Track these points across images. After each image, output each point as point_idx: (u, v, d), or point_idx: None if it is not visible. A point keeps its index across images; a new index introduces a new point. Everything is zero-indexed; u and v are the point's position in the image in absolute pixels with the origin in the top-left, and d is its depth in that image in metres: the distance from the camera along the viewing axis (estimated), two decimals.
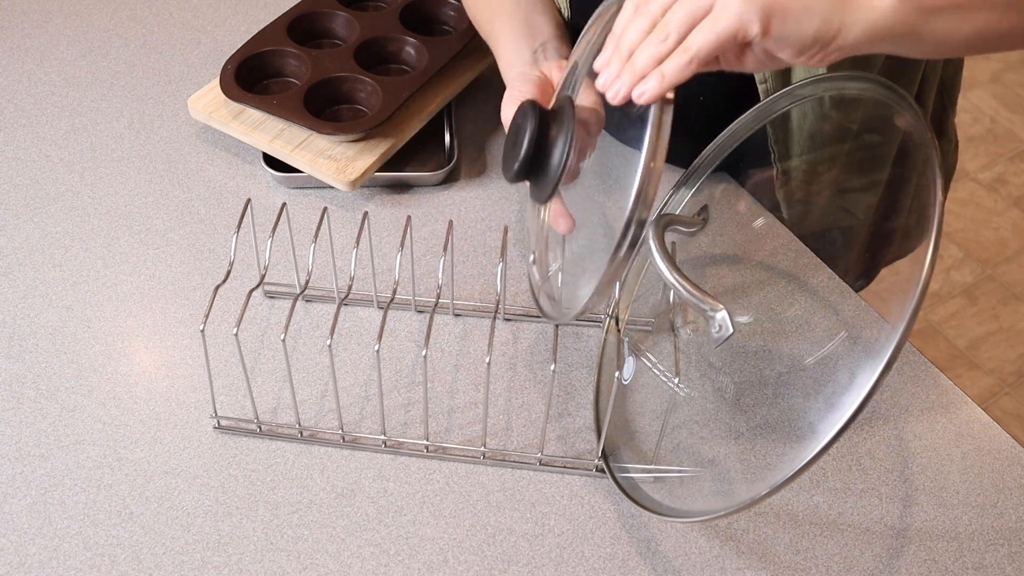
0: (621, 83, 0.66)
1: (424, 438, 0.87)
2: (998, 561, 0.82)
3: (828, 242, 1.06)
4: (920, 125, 0.73)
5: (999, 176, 2.43)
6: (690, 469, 0.87)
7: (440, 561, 0.81)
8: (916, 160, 1.02)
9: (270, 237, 0.85)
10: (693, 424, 0.89)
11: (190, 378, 0.92)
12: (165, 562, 0.80)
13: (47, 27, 1.26)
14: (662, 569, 0.81)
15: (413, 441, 0.87)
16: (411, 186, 1.09)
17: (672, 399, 0.88)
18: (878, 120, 0.97)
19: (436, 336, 0.95)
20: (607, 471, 0.86)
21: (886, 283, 1.19)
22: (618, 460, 0.87)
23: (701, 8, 0.65)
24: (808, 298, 0.98)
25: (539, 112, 0.74)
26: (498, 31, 0.97)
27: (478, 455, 0.87)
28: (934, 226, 0.65)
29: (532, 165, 0.73)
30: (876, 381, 0.63)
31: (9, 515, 0.83)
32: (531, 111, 0.74)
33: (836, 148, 0.98)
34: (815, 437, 0.66)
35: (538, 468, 0.86)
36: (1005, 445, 0.89)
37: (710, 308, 0.70)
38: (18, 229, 1.04)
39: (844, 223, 1.08)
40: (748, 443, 0.88)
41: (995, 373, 2.07)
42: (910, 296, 0.64)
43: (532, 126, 0.72)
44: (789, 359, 0.95)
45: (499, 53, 0.96)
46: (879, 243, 1.12)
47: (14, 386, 0.91)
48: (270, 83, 1.12)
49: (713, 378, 0.93)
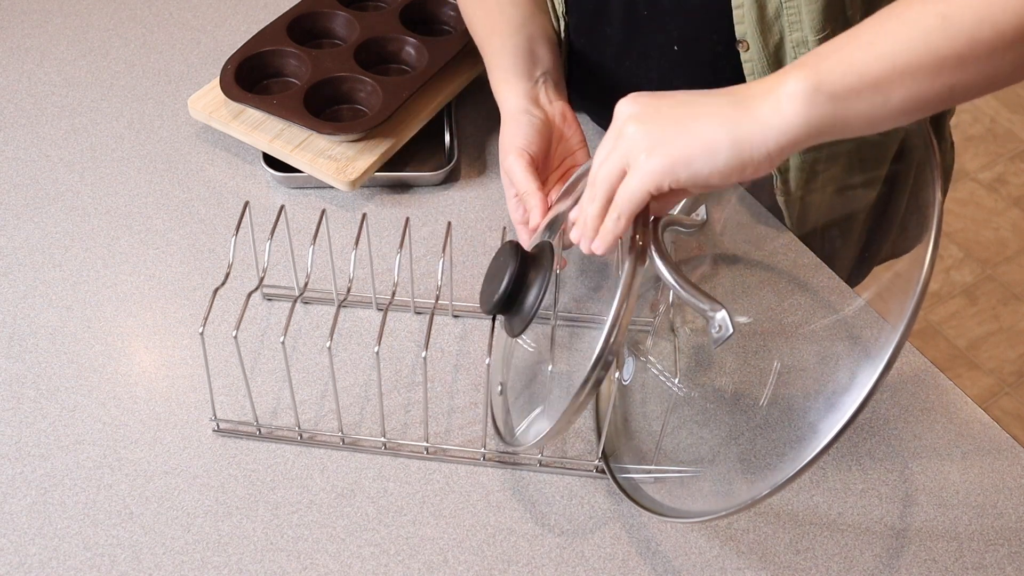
0: (582, 239, 0.75)
1: (424, 440, 0.87)
2: (998, 561, 0.82)
3: (827, 240, 1.06)
4: (920, 124, 0.73)
5: (999, 176, 2.43)
6: (690, 469, 0.87)
7: (440, 561, 0.81)
8: (913, 158, 1.02)
9: (269, 239, 0.85)
10: (692, 424, 0.89)
11: (190, 378, 0.92)
12: (165, 562, 0.80)
13: (47, 27, 1.26)
14: (662, 569, 0.81)
15: (413, 443, 0.87)
16: (411, 186, 1.09)
17: (672, 399, 0.88)
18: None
19: (436, 337, 0.95)
20: (607, 472, 0.86)
21: (886, 283, 1.19)
22: (618, 460, 0.87)
23: (616, 171, 0.71)
24: (808, 298, 0.98)
25: (521, 255, 0.80)
26: (496, 52, 0.97)
27: (478, 456, 0.87)
28: (933, 225, 0.65)
29: (508, 303, 0.79)
30: (876, 381, 0.63)
31: (9, 515, 0.83)
32: (513, 253, 0.80)
33: (836, 147, 0.98)
34: (816, 437, 0.66)
35: (538, 469, 0.86)
36: (1005, 445, 0.89)
37: (710, 308, 0.70)
38: (18, 229, 1.04)
39: (841, 221, 1.08)
40: (748, 443, 0.88)
41: (995, 373, 2.07)
42: (910, 296, 0.64)
43: (512, 267, 0.79)
44: (789, 359, 0.95)
45: (495, 75, 0.97)
46: (875, 241, 1.12)
47: (14, 386, 0.91)
48: (270, 83, 1.12)
49: (712, 378, 0.93)
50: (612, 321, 0.70)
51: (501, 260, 0.81)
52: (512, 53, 0.96)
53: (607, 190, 0.72)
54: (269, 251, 0.86)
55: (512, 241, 0.83)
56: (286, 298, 0.98)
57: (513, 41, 0.97)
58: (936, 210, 0.66)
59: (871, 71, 0.64)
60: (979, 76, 0.65)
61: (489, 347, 0.78)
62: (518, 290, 0.79)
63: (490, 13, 0.99)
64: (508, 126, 0.94)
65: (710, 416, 0.90)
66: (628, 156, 0.69)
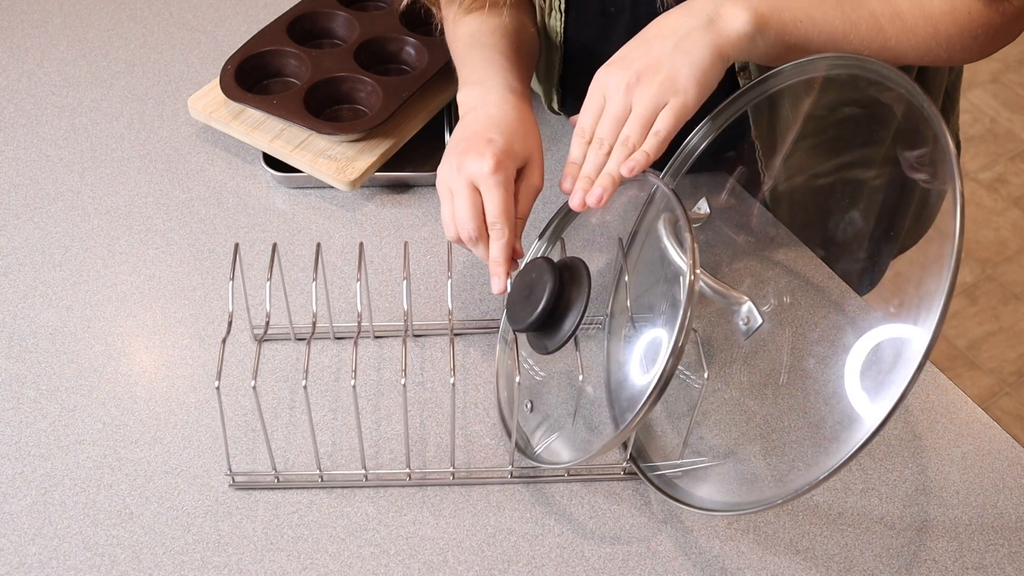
0: (592, 191, 0.78)
1: (451, 465, 0.85)
2: (998, 561, 0.82)
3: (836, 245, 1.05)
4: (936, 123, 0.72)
5: (999, 176, 2.42)
6: (718, 461, 0.87)
7: (440, 561, 0.81)
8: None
9: (268, 280, 0.83)
10: (719, 416, 0.89)
11: (190, 378, 0.92)
12: (165, 562, 0.80)
13: (47, 27, 1.26)
14: (662, 569, 0.81)
15: (438, 471, 0.85)
16: (411, 186, 1.09)
17: (700, 394, 0.88)
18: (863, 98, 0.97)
19: (440, 359, 0.94)
20: (638, 471, 0.84)
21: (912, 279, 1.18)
22: (644, 460, 0.86)
23: (649, 109, 0.77)
24: (814, 293, 0.98)
25: (559, 272, 0.79)
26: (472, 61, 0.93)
27: (505, 475, 0.85)
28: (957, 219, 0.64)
29: (546, 321, 0.78)
30: (914, 374, 0.63)
31: (9, 515, 0.83)
32: (550, 269, 0.79)
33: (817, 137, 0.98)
34: (861, 424, 0.66)
35: (567, 479, 0.85)
36: (1005, 445, 0.89)
37: (735, 301, 0.69)
38: (18, 229, 1.04)
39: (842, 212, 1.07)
40: (778, 434, 0.87)
41: (995, 373, 2.07)
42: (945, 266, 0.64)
43: (552, 286, 0.78)
44: (810, 351, 0.94)
45: (463, 71, 0.93)
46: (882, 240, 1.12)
47: (14, 386, 0.91)
48: (270, 83, 1.12)
49: (731, 370, 0.93)
50: (679, 327, 0.70)
51: (534, 276, 0.80)
52: (493, 60, 0.92)
53: (642, 128, 0.77)
54: (269, 294, 0.83)
55: (545, 257, 0.82)
56: (284, 338, 0.95)
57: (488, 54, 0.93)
58: (958, 201, 0.65)
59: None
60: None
61: (517, 366, 0.77)
62: (555, 308, 0.78)
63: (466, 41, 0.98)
64: (464, 137, 0.85)
65: (735, 409, 0.90)
66: (659, 93, 0.76)
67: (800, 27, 0.79)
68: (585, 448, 0.84)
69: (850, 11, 0.80)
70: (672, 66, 0.76)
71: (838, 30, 0.80)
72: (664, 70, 0.76)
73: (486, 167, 0.80)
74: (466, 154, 0.82)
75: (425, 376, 0.92)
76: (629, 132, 0.77)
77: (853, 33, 0.80)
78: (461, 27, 0.96)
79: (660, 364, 0.70)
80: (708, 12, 0.78)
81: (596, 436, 0.87)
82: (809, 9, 0.79)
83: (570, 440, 0.88)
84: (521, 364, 0.91)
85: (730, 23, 0.77)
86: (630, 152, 0.77)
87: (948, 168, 0.66)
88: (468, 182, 0.81)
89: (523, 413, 0.89)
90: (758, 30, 0.78)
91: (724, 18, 0.77)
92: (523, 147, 0.84)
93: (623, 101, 0.77)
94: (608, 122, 0.78)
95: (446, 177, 0.83)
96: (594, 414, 0.90)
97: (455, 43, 0.97)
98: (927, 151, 0.80)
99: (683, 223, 0.75)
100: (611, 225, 1.00)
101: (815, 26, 0.79)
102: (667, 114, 0.76)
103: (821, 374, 0.92)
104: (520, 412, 0.88)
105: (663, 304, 0.82)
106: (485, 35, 0.94)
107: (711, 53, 0.76)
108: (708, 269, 0.79)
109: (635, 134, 0.77)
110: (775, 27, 0.78)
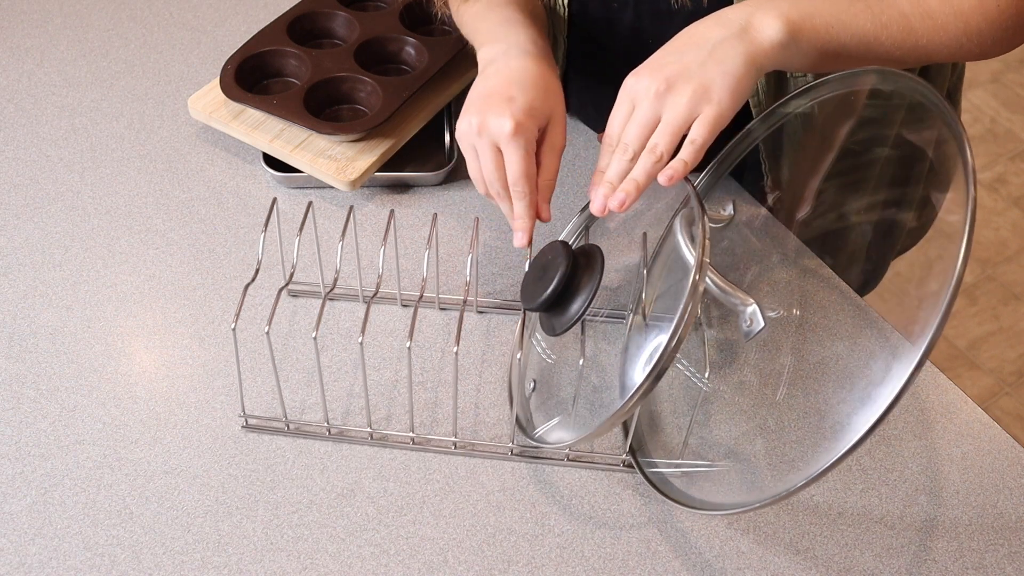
0: (628, 196, 0.77)
1: (453, 435, 0.87)
2: (998, 561, 0.82)
3: (838, 247, 1.05)
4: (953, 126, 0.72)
5: (999, 176, 2.42)
6: (720, 463, 0.87)
7: (440, 561, 0.81)
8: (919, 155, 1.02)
9: (297, 236, 0.86)
10: (719, 418, 0.89)
11: (189, 378, 0.92)
12: (165, 562, 0.80)
13: (47, 27, 1.26)
14: (662, 569, 0.81)
15: (441, 438, 0.87)
16: (411, 186, 1.09)
17: (700, 393, 0.88)
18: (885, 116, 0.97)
19: (461, 332, 0.95)
20: (636, 466, 0.85)
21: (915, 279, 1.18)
22: (645, 455, 0.87)
23: (680, 118, 0.76)
24: (829, 293, 0.98)
25: (572, 256, 0.80)
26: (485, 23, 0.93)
27: (506, 451, 0.87)
28: (967, 222, 0.64)
29: (555, 303, 0.80)
30: (909, 377, 0.63)
31: (9, 515, 0.83)
32: (564, 252, 0.80)
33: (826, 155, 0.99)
34: (847, 431, 0.66)
35: (565, 464, 0.87)
36: (1005, 445, 0.89)
37: (740, 302, 0.70)
38: (18, 229, 1.04)
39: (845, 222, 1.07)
40: (775, 436, 0.87)
41: (995, 373, 2.07)
42: (944, 288, 0.64)
43: (564, 268, 0.79)
44: (816, 355, 0.94)
45: (480, 35, 0.92)
46: (884, 240, 1.12)
47: (14, 386, 0.91)
48: (270, 83, 1.12)
49: (738, 372, 0.93)
50: (680, 315, 0.70)
51: (549, 258, 0.81)
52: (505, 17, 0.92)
53: (671, 136, 0.76)
54: (297, 248, 0.87)
55: (561, 240, 0.83)
56: (311, 295, 0.98)
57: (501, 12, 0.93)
58: (970, 205, 0.65)
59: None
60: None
61: (520, 342, 0.79)
62: (566, 291, 0.79)
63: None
64: (487, 83, 0.85)
65: (736, 410, 0.90)
66: (692, 102, 0.75)
67: (832, 32, 0.78)
68: (583, 431, 0.84)
69: (880, 12, 0.79)
70: (705, 75, 0.75)
71: (869, 32, 0.79)
72: (696, 79, 0.75)
73: (507, 128, 0.80)
74: (487, 113, 0.82)
75: (445, 349, 0.94)
76: (658, 140, 0.76)
77: (884, 34, 0.79)
78: (471, 4, 0.95)
79: (658, 352, 0.71)
80: (740, 21, 0.77)
81: (596, 420, 0.88)
82: (839, 14, 0.78)
83: (571, 424, 0.88)
84: (534, 346, 0.92)
85: (763, 32, 0.76)
86: (657, 160, 0.76)
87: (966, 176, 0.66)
88: (491, 142, 0.82)
89: (527, 393, 0.90)
90: (792, 38, 0.77)
91: (757, 27, 0.76)
92: (544, 105, 0.84)
93: (653, 108, 0.76)
94: (636, 128, 0.77)
95: (469, 135, 0.84)
96: (604, 403, 0.91)
97: (465, 15, 0.95)
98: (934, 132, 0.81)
99: (697, 216, 0.75)
100: (645, 224, 1.00)
101: (846, 30, 0.78)
102: (702, 123, 0.75)
103: (821, 374, 0.92)
104: (522, 391, 0.89)
105: (679, 301, 0.83)
106: (498, 5, 0.93)
107: (745, 62, 0.75)
108: (724, 271, 0.79)
109: (664, 142, 0.76)
110: (807, 34, 0.77)
